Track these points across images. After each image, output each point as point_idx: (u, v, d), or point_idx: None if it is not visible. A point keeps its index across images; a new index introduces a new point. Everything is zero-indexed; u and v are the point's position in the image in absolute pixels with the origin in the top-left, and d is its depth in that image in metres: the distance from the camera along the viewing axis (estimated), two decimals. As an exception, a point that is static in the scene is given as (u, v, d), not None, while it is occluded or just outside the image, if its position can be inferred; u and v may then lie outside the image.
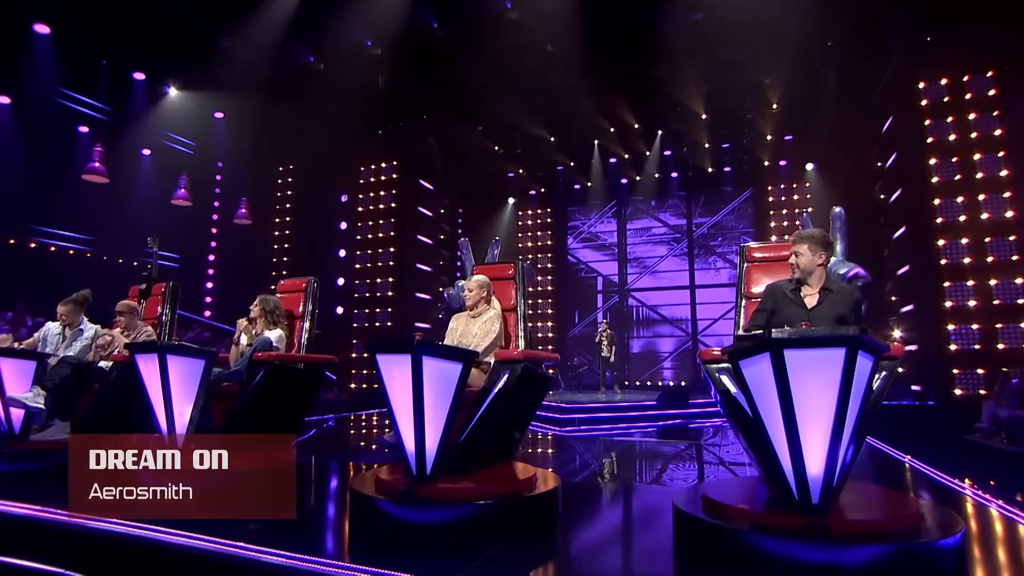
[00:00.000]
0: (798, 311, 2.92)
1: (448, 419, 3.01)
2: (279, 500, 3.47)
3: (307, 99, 12.60)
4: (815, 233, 2.97)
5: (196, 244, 15.18)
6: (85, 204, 12.28)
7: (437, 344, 3.00)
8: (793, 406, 2.31)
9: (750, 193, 16.77)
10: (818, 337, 2.28)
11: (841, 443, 2.31)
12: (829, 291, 2.94)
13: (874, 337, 2.82)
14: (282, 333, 4.46)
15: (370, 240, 15.05)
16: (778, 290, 3.02)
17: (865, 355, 2.32)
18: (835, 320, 2.85)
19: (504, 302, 4.05)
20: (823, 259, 2.96)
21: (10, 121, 11.26)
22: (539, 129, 14.27)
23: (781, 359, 2.30)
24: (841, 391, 2.25)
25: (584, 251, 18.25)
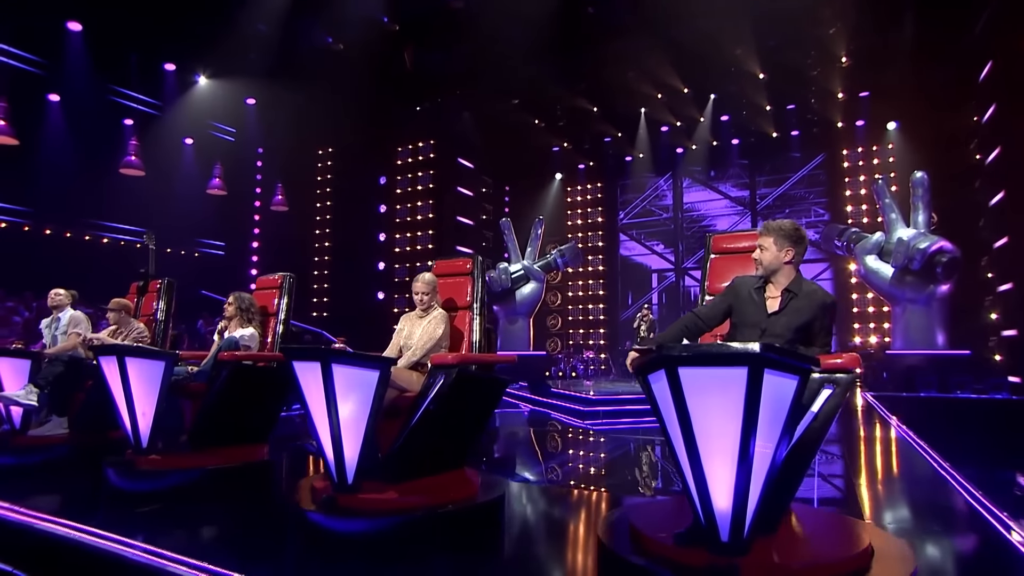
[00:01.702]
0: (756, 314, 2.66)
1: (368, 427, 3.01)
2: (227, 503, 3.62)
3: (335, 81, 12.84)
4: (783, 225, 2.66)
5: (240, 231, 15.94)
6: (134, 196, 13.09)
7: (349, 352, 2.99)
8: (693, 431, 2.13)
9: (822, 159, 15.70)
10: (714, 354, 2.07)
11: (753, 475, 2.11)
12: (793, 295, 2.62)
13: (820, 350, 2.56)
14: (254, 331, 4.59)
15: (408, 223, 15.28)
16: (742, 286, 2.75)
17: (780, 374, 2.09)
18: (795, 330, 2.56)
19: (459, 299, 3.98)
20: (791, 256, 2.64)
21: (62, 119, 12.15)
22: (580, 99, 13.88)
23: (676, 377, 2.11)
24: (745, 416, 2.05)
25: (637, 227, 17.75)
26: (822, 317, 2.57)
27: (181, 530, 3.27)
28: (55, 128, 12.04)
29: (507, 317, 14.18)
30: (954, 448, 6.09)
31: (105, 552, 2.74)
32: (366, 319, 15.30)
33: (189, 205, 13.85)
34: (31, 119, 11.59)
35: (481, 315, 3.95)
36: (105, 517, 3.47)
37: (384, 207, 15.60)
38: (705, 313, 2.78)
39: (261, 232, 16.14)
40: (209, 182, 12.23)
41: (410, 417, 3.35)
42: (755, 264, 2.81)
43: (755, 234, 3.33)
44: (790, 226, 2.66)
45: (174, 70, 12.64)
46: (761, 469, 2.15)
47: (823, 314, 2.57)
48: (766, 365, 2.02)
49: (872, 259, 11.63)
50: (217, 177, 12.15)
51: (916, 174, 10.90)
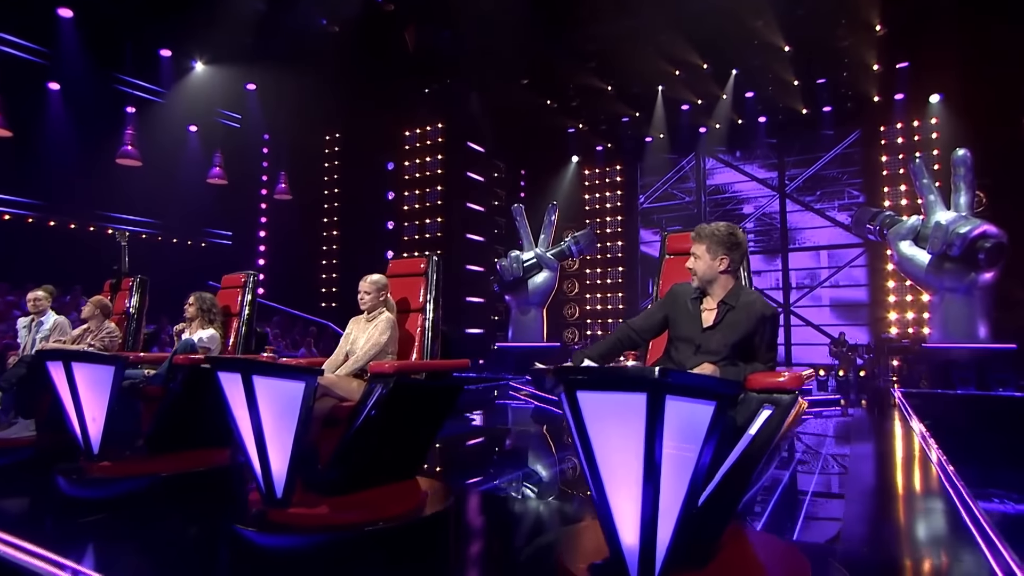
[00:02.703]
0: (691, 327, 2.52)
1: (296, 440, 2.97)
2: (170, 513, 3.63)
3: (335, 64, 12.82)
4: (717, 230, 2.50)
5: (247, 220, 16.12)
6: (139, 185, 13.29)
7: (271, 363, 2.95)
8: (595, 459, 2.02)
9: (857, 136, 15.14)
10: (611, 378, 1.96)
11: (664, 506, 2.00)
12: (730, 307, 2.47)
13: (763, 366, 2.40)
14: (215, 333, 4.60)
15: (416, 210, 15.26)
16: (680, 296, 2.61)
17: (689, 400, 1.97)
18: (732, 346, 2.42)
19: (412, 301, 3.90)
20: (726, 264, 2.49)
21: (63, 108, 12.38)
22: (592, 78, 13.60)
23: (575, 401, 2.01)
24: (647, 444, 1.93)
25: (658, 212, 17.43)
26: (762, 330, 2.41)
27: (110, 543, 3.28)
28: (56, 118, 12.26)
29: (519, 307, 14.10)
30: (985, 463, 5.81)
31: (15, 565, 2.76)
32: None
33: (195, 194, 14.01)
34: (32, 109, 11.83)
35: (434, 318, 3.87)
36: (46, 528, 3.52)
37: (392, 194, 15.60)
38: (640, 325, 2.65)
39: (268, 221, 16.31)
40: (209, 171, 12.34)
41: (349, 428, 3.31)
42: (690, 274, 2.66)
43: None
44: (724, 231, 2.50)
45: (170, 56, 12.75)
46: (674, 500, 2.03)
47: (762, 327, 2.41)
48: (668, 391, 1.90)
49: (907, 245, 11.19)
50: (217, 166, 12.26)
51: (958, 152, 10.41)
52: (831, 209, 15.47)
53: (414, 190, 15.26)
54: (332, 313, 15.56)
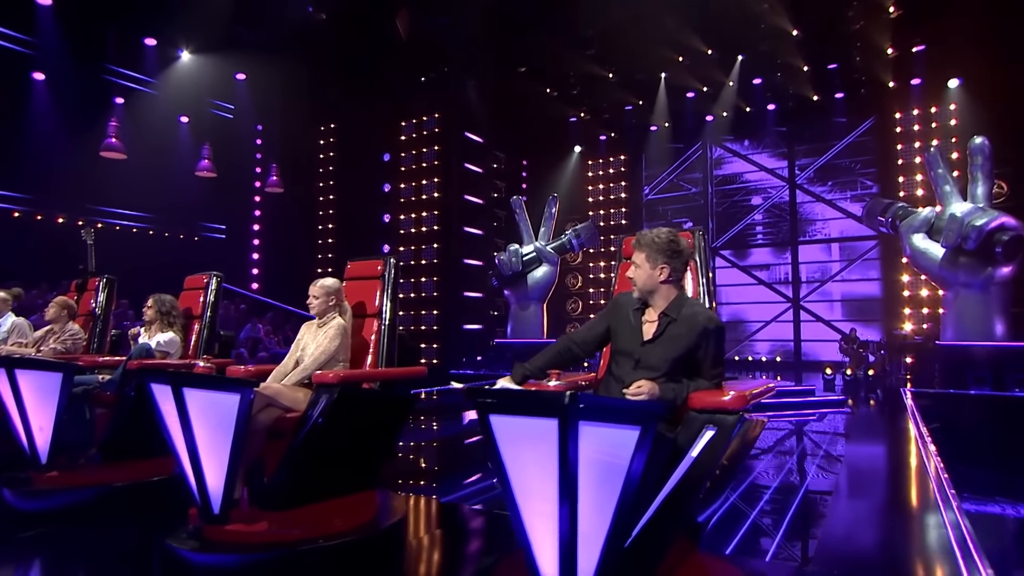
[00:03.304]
0: (631, 341, 2.41)
1: (233, 454, 2.90)
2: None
3: (328, 52, 12.73)
4: (657, 237, 2.38)
5: (241, 213, 16.12)
6: (129, 178, 13.26)
7: (204, 375, 2.87)
8: (511, 485, 1.93)
9: (871, 123, 14.84)
10: (522, 403, 1.85)
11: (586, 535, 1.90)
12: (671, 320, 2.36)
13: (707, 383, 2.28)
14: (174, 336, 4.54)
15: (413, 203, 15.17)
16: (622, 306, 2.50)
17: (609, 425, 1.86)
18: (673, 361, 2.30)
19: (369, 305, 3.80)
20: (666, 273, 2.37)
21: (49, 99, 12.35)
22: (592, 65, 13.40)
23: (488, 425, 1.91)
24: (561, 472, 1.83)
25: (664, 203, 17.22)
26: (705, 344, 2.29)
27: (50, 559, 3.23)
28: (42, 109, 12.24)
29: (518, 302, 13.98)
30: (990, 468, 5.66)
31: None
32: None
33: (187, 187, 14.00)
34: (16, 100, 11.82)
35: (391, 323, 3.78)
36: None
37: (388, 186, 15.52)
38: (581, 337, 2.54)
39: (262, 214, 16.29)
40: (198, 163, 12.31)
41: (294, 440, 3.24)
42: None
43: (686, 233, 3.06)
44: (664, 238, 2.38)
45: (155, 45, 12.70)
46: (597, 529, 1.93)
47: (706, 341, 2.29)
48: (580, 417, 1.79)
49: (920, 238, 10.94)
50: (206, 158, 12.22)
51: (975, 140, 10.15)
52: (843, 200, 15.20)
53: (411, 182, 15.17)
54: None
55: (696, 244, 2.96)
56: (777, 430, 7.70)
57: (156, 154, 13.57)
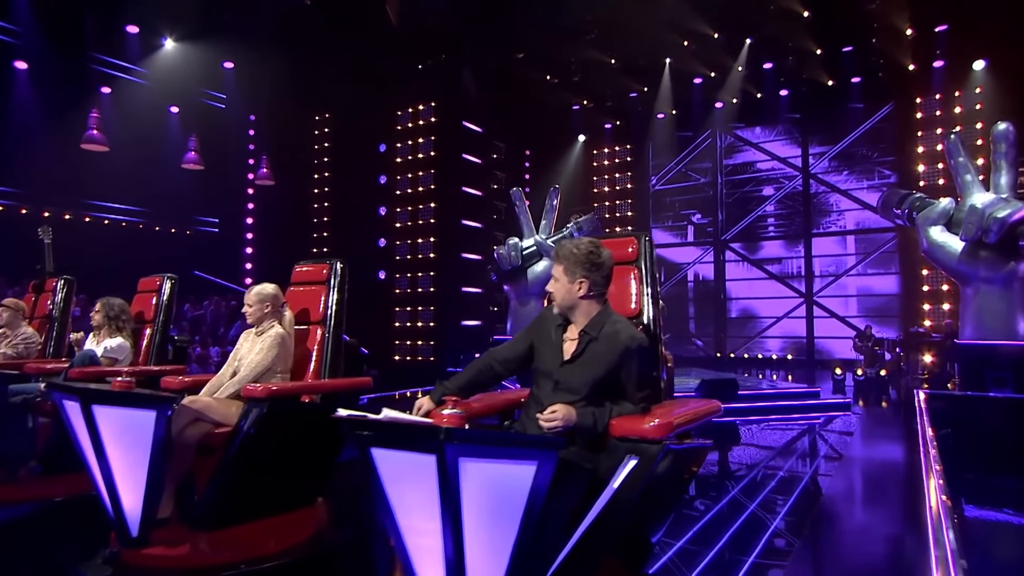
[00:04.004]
0: (551, 360, 2.28)
1: (151, 474, 2.82)
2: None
3: (318, 41, 12.63)
4: (576, 248, 2.26)
5: (234, 207, 16.12)
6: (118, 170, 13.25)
7: (117, 391, 2.78)
8: (399, 526, 1.82)
9: (890, 109, 14.50)
10: (401, 436, 1.74)
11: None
12: (592, 338, 2.22)
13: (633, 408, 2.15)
14: (123, 342, 4.47)
15: (409, 195, 15.08)
16: (546, 322, 2.37)
17: (500, 460, 1.74)
18: (593, 384, 2.17)
19: (313, 312, 3.70)
20: (586, 288, 2.24)
21: (32, 89, 12.31)
22: (593, 50, 13.18)
23: (369, 459, 1.80)
24: (443, 513, 1.71)
25: (671, 194, 16.98)
26: (628, 365, 2.15)
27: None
28: (25, 99, 12.23)
29: (518, 298, 13.85)
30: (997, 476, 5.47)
31: None
32: (367, 300, 15.29)
33: (179, 179, 13.98)
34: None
35: (336, 331, 3.68)
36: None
37: (384, 178, 15.43)
38: (503, 354, 2.42)
39: (256, 207, 16.29)
40: (184, 155, 12.28)
41: (223, 456, 3.16)
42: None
43: (630, 239, 2.93)
44: (583, 249, 2.24)
45: (137, 33, 12.65)
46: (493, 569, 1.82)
47: (628, 362, 2.15)
48: (460, 453, 1.68)
49: (937, 231, 10.62)
50: (193, 150, 12.19)
51: (999, 126, 9.79)
52: (859, 190, 14.88)
53: (407, 174, 15.08)
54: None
55: (641, 251, 2.82)
56: (772, 436, 7.53)
57: (146, 145, 13.55)
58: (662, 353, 2.71)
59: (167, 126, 14.49)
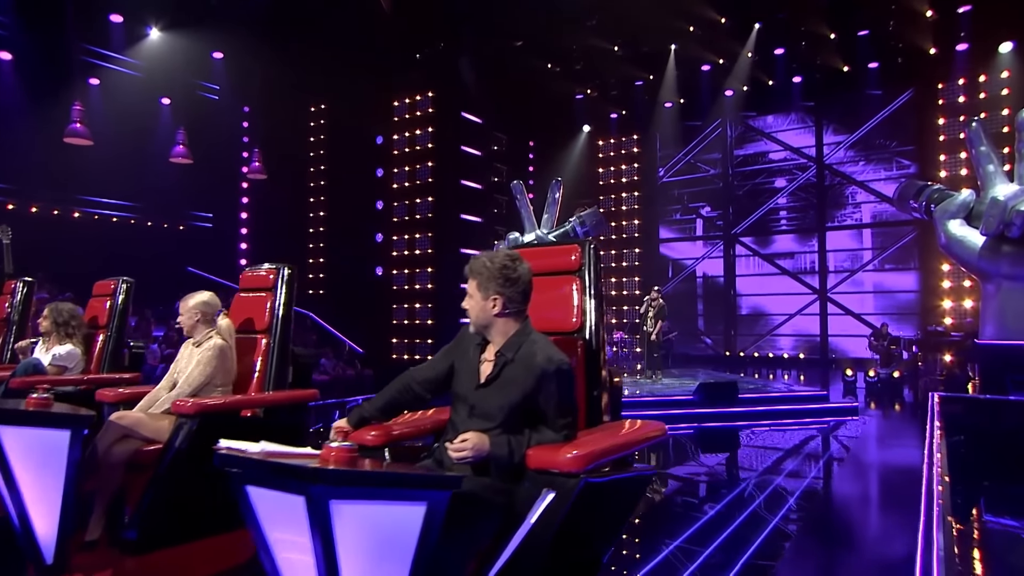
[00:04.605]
0: (468, 382, 2.16)
1: (67, 497, 2.73)
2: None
3: (311, 29, 12.53)
4: (490, 262, 2.12)
5: (228, 201, 16.12)
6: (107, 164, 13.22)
7: (26, 411, 2.69)
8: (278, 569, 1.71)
9: (909, 96, 14.17)
10: (268, 474, 1.62)
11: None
12: (508, 360, 2.09)
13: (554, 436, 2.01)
14: (73, 349, 4.39)
15: (407, 188, 14.98)
16: (465, 341, 2.25)
17: (381, 503, 1.62)
18: (510, 410, 2.03)
19: (258, 321, 3.60)
20: (500, 305, 2.10)
21: (16, 80, 12.26)
22: (595, 37, 12.97)
23: (246, 499, 1.69)
24: (316, 561, 1.60)
25: (679, 186, 16.74)
26: (547, 389, 2.01)
27: None
28: (9, 91, 12.22)
29: (519, 295, 13.77)
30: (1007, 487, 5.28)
31: None
32: (364, 297, 15.27)
33: (171, 174, 13.95)
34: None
35: (282, 341, 3.58)
36: None
37: (381, 171, 15.34)
38: (423, 374, 2.29)
39: (250, 202, 16.27)
40: (172, 149, 12.25)
41: (154, 475, 3.07)
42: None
43: (574, 246, 2.79)
44: (497, 263, 2.11)
45: (122, 23, 12.61)
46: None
47: (546, 385, 2.01)
48: (331, 496, 1.56)
49: (956, 224, 10.26)
50: (181, 144, 12.14)
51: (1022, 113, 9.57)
52: (877, 181, 14.56)
53: (404, 167, 14.98)
54: (319, 301, 15.52)
55: (585, 259, 2.68)
56: (771, 443, 7.36)
57: (136, 138, 13.54)
58: (603, 372, 2.57)
59: (158, 118, 14.46)
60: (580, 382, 2.47)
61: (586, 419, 2.44)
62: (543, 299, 2.68)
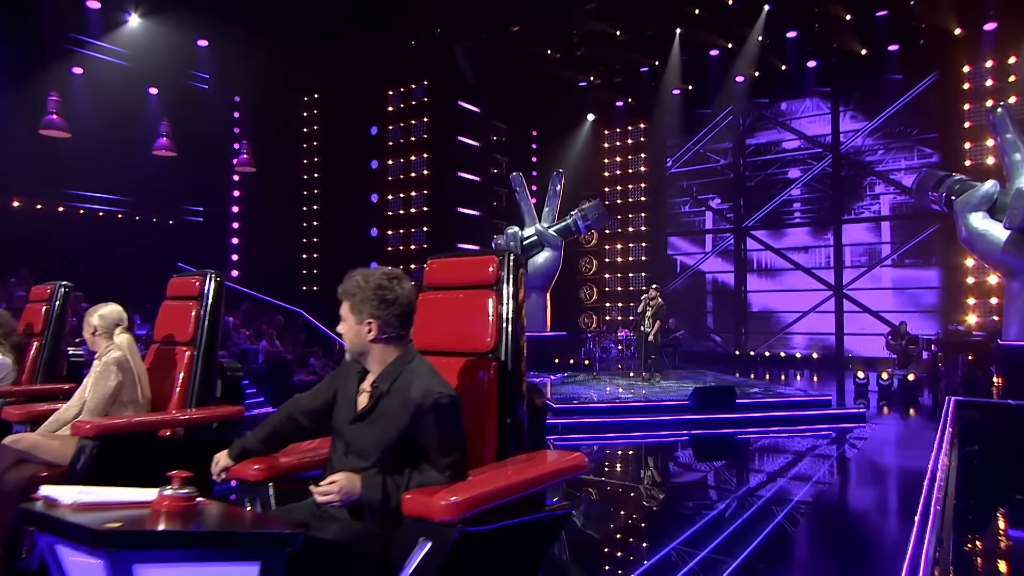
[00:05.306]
0: (345, 415, 1.99)
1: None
2: None
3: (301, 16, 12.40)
4: (364, 281, 1.94)
5: (219, 195, 16.07)
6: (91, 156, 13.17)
7: None
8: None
9: (933, 79, 13.77)
10: (70, 531, 1.46)
11: None
12: (383, 393, 1.92)
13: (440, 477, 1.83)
14: (3, 359, 4.29)
15: (401, 181, 14.86)
16: (348, 368, 2.08)
17: (197, 565, 1.46)
18: (384, 449, 1.87)
19: (182, 331, 3.45)
20: (376, 330, 1.93)
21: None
22: (595, 21, 12.73)
23: (56, 558, 1.54)
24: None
25: (688, 177, 16.46)
26: (424, 426, 1.83)
27: None
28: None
29: (518, 291, 13.60)
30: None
31: None
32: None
33: (160, 166, 13.90)
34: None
35: (207, 353, 3.43)
36: None
37: (376, 163, 15.22)
38: (306, 404, 2.12)
39: (242, 195, 16.21)
40: (155, 141, 12.19)
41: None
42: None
43: (491, 257, 2.59)
44: (372, 283, 1.92)
45: (99, 8, 12.52)
46: None
47: (422, 422, 1.83)
48: (134, 560, 1.40)
49: (978, 217, 10.13)
50: (164, 135, 12.08)
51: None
52: (897, 171, 14.20)
53: (399, 158, 14.85)
54: (312, 298, 15.43)
55: (504, 271, 2.49)
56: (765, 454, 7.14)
57: (123, 129, 13.46)
58: (525, 394, 2.38)
59: (146, 109, 14.41)
60: (491, 409, 2.28)
61: (497, 451, 2.25)
62: (455, 316, 2.51)
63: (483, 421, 2.26)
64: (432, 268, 2.67)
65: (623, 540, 4.47)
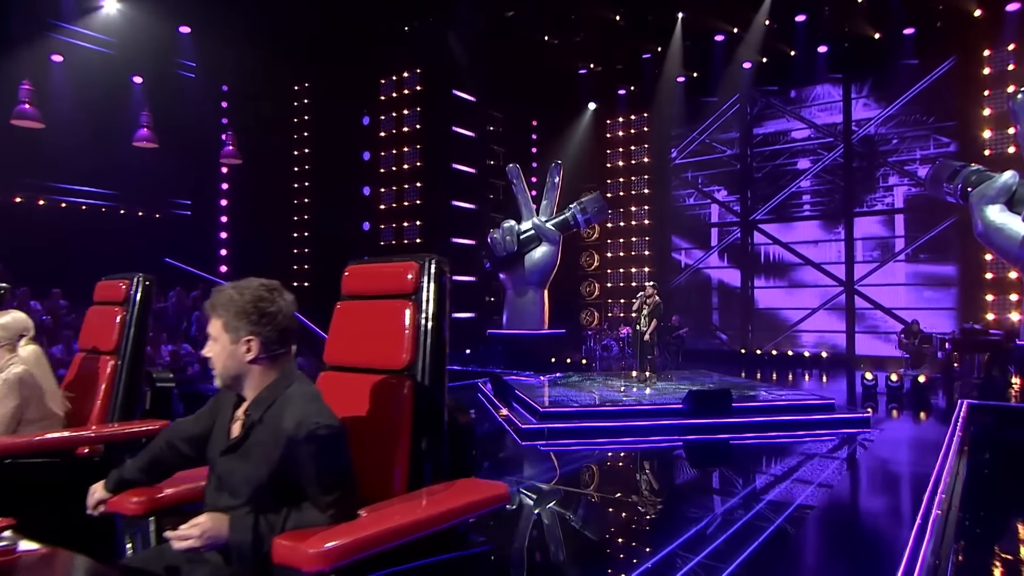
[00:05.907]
0: (218, 445, 1.81)
1: None
2: None
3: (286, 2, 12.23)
4: (239, 294, 1.75)
5: (207, 188, 15.95)
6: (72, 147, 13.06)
7: None
8: None
9: (951, 64, 13.47)
10: None
11: None
12: (255, 422, 1.73)
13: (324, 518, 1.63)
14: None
15: (394, 173, 14.69)
16: (227, 394, 1.89)
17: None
18: (254, 486, 1.68)
19: (105, 340, 3.28)
20: (256, 349, 1.73)
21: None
22: (594, 6, 12.49)
23: None
24: None
25: (693, 168, 16.21)
26: (299, 461, 1.64)
27: None
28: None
29: (515, 287, 13.42)
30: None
31: None
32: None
33: (146, 158, 13.77)
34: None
35: (132, 363, 3.25)
36: None
37: (368, 154, 15.06)
38: (187, 431, 1.93)
39: (230, 188, 16.08)
40: (136, 132, 12.05)
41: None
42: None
43: (410, 264, 2.40)
44: (248, 296, 1.72)
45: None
46: None
47: (297, 456, 1.63)
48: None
49: (996, 210, 9.87)
50: (145, 126, 11.93)
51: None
52: (912, 162, 13.90)
53: (391, 149, 14.68)
54: (302, 294, 15.27)
55: (423, 280, 2.30)
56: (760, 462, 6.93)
57: (105, 119, 13.35)
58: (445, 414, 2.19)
59: (130, 98, 14.28)
60: (404, 433, 2.09)
61: (408, 480, 2.06)
62: (370, 329, 2.31)
63: (393, 447, 2.07)
64: (350, 274, 2.48)
65: (599, 553, 4.28)
